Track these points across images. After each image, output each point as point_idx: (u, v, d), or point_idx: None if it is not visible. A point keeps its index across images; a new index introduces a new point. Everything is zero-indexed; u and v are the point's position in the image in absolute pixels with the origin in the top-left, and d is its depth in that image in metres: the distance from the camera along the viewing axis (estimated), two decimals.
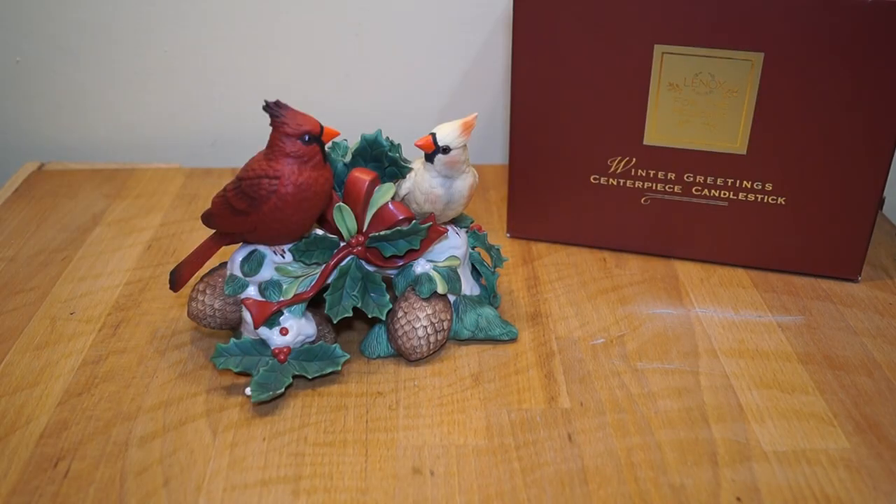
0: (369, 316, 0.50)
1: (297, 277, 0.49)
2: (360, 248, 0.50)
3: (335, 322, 0.49)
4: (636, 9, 0.55)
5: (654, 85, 0.57)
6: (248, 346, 0.49)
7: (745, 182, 0.59)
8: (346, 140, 0.51)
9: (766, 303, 0.58)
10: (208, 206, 0.50)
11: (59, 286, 0.60)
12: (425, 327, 0.50)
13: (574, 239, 0.65)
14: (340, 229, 0.49)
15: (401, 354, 0.51)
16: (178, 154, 0.82)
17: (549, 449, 0.45)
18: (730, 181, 0.59)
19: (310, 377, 0.49)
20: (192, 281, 0.52)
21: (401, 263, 0.51)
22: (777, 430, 0.46)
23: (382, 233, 0.49)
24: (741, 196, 0.59)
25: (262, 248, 0.49)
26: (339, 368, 0.49)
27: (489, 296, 0.56)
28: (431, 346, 0.51)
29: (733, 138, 0.57)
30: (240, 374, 0.50)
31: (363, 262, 0.50)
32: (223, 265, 0.52)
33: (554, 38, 0.58)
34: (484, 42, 0.78)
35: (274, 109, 0.44)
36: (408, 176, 0.50)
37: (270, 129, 0.45)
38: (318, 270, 0.49)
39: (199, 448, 0.45)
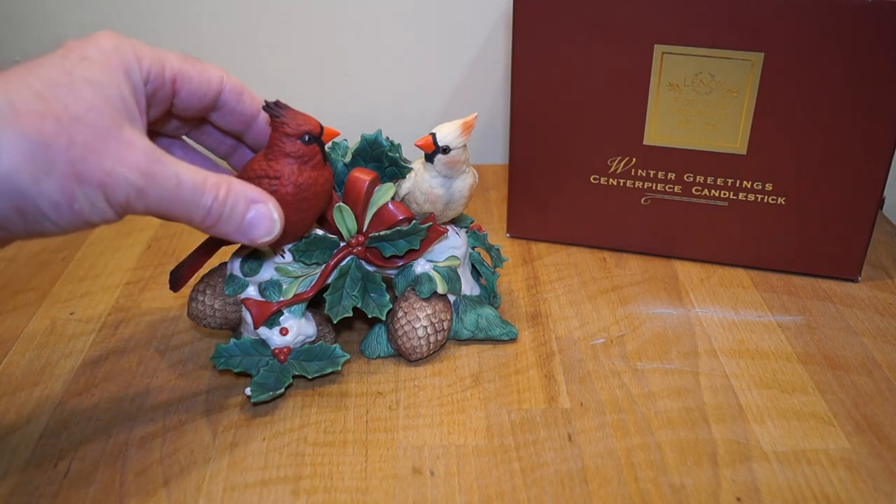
0: (369, 316, 0.50)
1: (297, 277, 0.49)
2: (360, 248, 0.50)
3: (335, 322, 0.49)
4: (636, 9, 0.55)
5: (654, 85, 0.57)
6: (248, 346, 0.49)
7: (745, 182, 0.59)
8: (346, 140, 0.51)
9: (766, 303, 0.58)
10: None
11: (59, 286, 0.60)
12: (425, 327, 0.50)
13: (574, 239, 0.65)
14: (340, 229, 0.49)
15: (401, 354, 0.51)
16: None
17: (549, 449, 0.45)
18: (730, 181, 0.59)
19: (310, 377, 0.49)
20: (192, 281, 0.52)
21: (401, 263, 0.51)
22: (777, 430, 0.46)
23: (382, 233, 0.49)
24: (741, 196, 0.59)
25: (261, 248, 0.49)
26: (339, 368, 0.49)
27: (489, 296, 0.56)
28: (431, 346, 0.51)
29: (733, 138, 0.57)
30: (240, 374, 0.50)
31: (363, 262, 0.50)
32: (223, 265, 0.52)
33: (554, 38, 0.58)
34: (484, 42, 0.78)
35: (274, 109, 0.44)
36: (408, 176, 0.50)
37: (270, 129, 0.45)
38: (318, 270, 0.49)
39: (199, 448, 0.45)
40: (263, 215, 0.41)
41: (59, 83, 0.34)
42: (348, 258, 0.50)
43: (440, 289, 0.51)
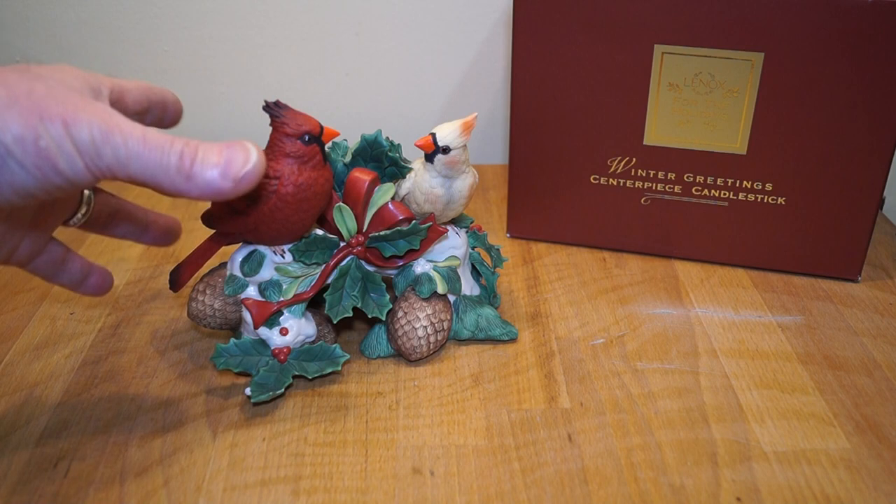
0: (369, 316, 0.50)
1: (297, 277, 0.49)
2: (360, 248, 0.50)
3: (335, 322, 0.49)
4: (636, 9, 0.55)
5: (654, 85, 0.57)
6: (248, 346, 0.49)
7: (745, 182, 0.59)
8: (346, 140, 0.51)
9: (766, 303, 0.58)
10: (208, 206, 0.50)
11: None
12: (425, 327, 0.50)
13: (574, 239, 0.65)
14: (340, 229, 0.49)
15: (401, 354, 0.51)
16: None
17: (549, 449, 0.45)
18: (730, 181, 0.59)
19: (310, 377, 0.49)
20: (192, 281, 0.52)
21: (401, 263, 0.51)
22: (777, 430, 0.46)
23: (382, 233, 0.49)
24: (741, 196, 0.59)
25: (262, 248, 0.49)
26: (339, 368, 0.49)
27: (489, 296, 0.56)
28: (431, 346, 0.51)
29: (733, 138, 0.57)
30: (240, 374, 0.50)
31: (363, 262, 0.50)
32: (223, 265, 0.52)
33: (554, 38, 0.58)
34: (484, 42, 0.78)
35: (274, 109, 0.44)
36: (408, 176, 0.50)
37: (270, 129, 0.45)
38: (318, 270, 0.49)
39: (199, 448, 0.45)
40: (238, 147, 0.38)
41: (21, 69, 0.36)
42: (348, 258, 0.50)
43: (440, 289, 0.51)
